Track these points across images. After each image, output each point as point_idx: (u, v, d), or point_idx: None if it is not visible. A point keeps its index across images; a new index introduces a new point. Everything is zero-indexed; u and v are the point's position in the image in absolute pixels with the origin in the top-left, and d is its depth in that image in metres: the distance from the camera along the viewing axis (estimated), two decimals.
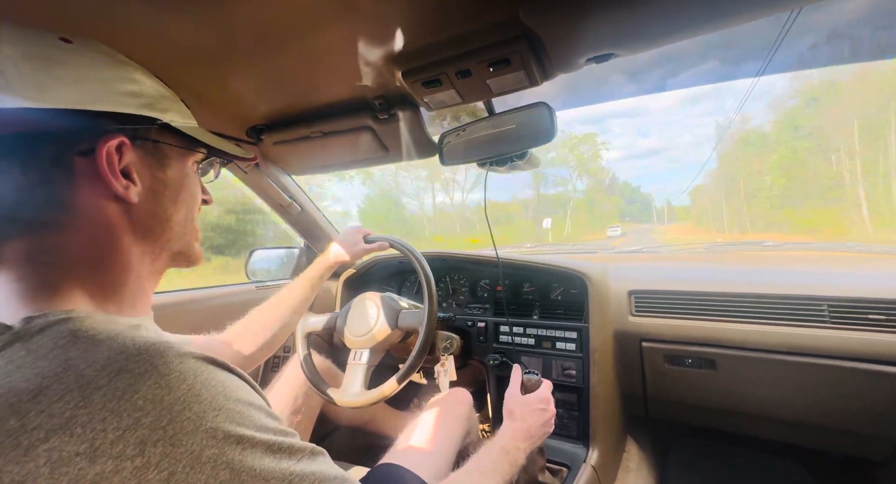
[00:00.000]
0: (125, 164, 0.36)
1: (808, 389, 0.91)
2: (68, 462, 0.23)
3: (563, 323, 1.09)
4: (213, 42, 0.58)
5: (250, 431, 0.28)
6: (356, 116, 0.85)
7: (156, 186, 0.40)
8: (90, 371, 0.26)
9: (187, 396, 0.27)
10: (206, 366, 0.30)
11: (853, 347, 0.83)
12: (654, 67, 0.80)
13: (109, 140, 0.35)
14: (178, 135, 0.41)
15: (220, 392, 0.29)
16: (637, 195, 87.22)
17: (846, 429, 0.91)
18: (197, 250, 0.46)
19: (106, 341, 0.28)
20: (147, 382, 0.26)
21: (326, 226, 1.45)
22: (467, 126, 0.85)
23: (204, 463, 0.26)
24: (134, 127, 0.37)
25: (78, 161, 0.34)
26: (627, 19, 0.50)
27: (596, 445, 1.00)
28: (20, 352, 0.27)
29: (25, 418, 0.24)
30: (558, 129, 0.75)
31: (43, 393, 0.25)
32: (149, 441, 0.25)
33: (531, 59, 0.60)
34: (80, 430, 0.24)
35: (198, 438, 0.26)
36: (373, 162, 1.07)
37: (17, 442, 0.23)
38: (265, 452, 0.29)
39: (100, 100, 0.34)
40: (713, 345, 0.97)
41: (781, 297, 0.93)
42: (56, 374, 0.26)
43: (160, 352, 0.28)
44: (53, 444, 0.23)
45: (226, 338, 0.76)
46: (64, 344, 0.28)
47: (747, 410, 1.00)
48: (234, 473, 0.26)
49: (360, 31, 0.57)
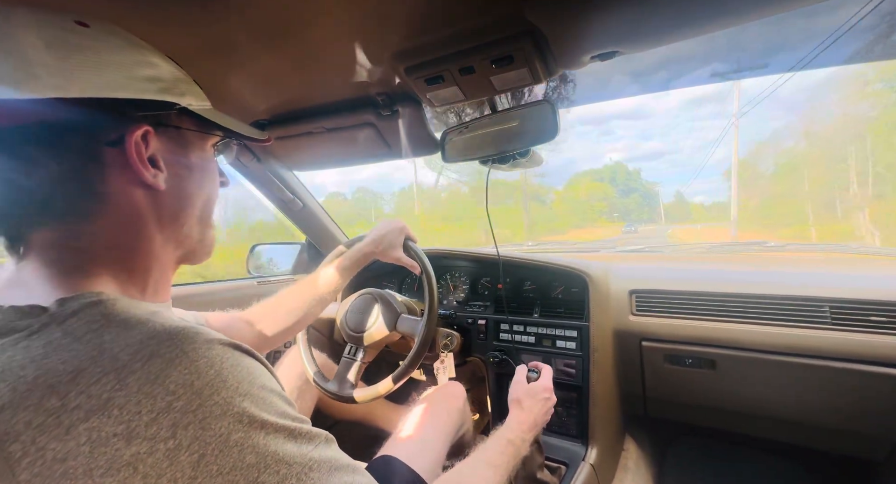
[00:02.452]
0: (151, 152, 0.36)
1: (807, 390, 0.90)
2: (106, 442, 0.24)
3: (564, 322, 1.09)
4: (216, 36, 0.57)
5: (273, 417, 0.29)
6: (359, 113, 0.85)
7: (181, 171, 0.40)
8: (124, 355, 0.27)
9: (215, 382, 0.28)
10: (233, 352, 0.31)
11: (854, 348, 0.83)
12: (659, 65, 0.80)
13: (136, 130, 0.35)
14: (195, 118, 0.41)
15: (246, 378, 0.30)
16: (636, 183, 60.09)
17: (845, 429, 0.91)
18: (209, 239, 0.46)
19: (137, 325, 0.29)
20: (178, 367, 0.27)
21: (328, 222, 1.45)
22: (470, 123, 0.85)
23: (231, 446, 0.27)
24: (156, 113, 0.37)
25: (108, 151, 0.34)
26: (633, 16, 0.50)
27: (595, 444, 1.00)
28: (56, 333, 0.28)
29: (66, 398, 0.25)
30: (561, 127, 0.75)
31: (81, 375, 0.26)
32: (180, 424, 0.26)
33: (535, 57, 0.60)
34: (118, 411, 0.25)
35: (225, 422, 0.27)
36: (375, 158, 1.07)
37: (59, 421, 0.24)
38: (287, 437, 0.29)
39: (122, 87, 0.34)
40: (713, 345, 0.97)
41: (783, 297, 0.92)
42: (92, 357, 0.27)
43: (189, 337, 0.29)
44: (93, 424, 0.24)
45: (249, 316, 0.76)
46: (98, 328, 0.29)
47: (746, 410, 1.00)
48: (260, 456, 0.27)
49: (364, 26, 0.57)
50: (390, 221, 0.92)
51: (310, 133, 0.93)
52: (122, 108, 0.34)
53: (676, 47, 0.61)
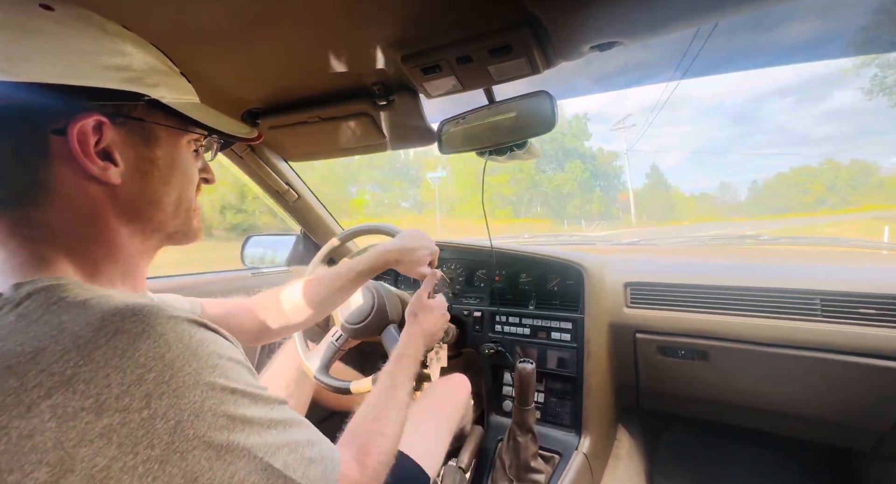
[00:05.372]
0: (106, 144, 0.35)
1: (798, 382, 0.92)
2: (74, 416, 0.25)
3: (559, 313, 1.09)
4: (208, 21, 0.56)
5: (240, 385, 0.32)
6: (354, 102, 0.84)
7: (143, 166, 0.38)
8: (86, 332, 0.27)
9: (185, 354, 0.29)
10: (198, 328, 0.32)
11: (844, 340, 0.84)
12: (657, 57, 0.79)
13: (82, 119, 0.33)
14: (168, 112, 0.38)
15: (214, 351, 0.31)
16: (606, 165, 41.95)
17: (834, 420, 0.93)
18: (194, 228, 0.45)
19: (97, 305, 0.29)
20: (146, 341, 0.28)
21: (324, 214, 1.44)
22: (467, 114, 0.84)
23: (206, 412, 0.28)
24: (116, 103, 0.35)
25: (53, 140, 0.33)
26: (634, 6, 0.49)
27: (588, 434, 1.01)
28: (9, 317, 0.28)
29: (25, 378, 0.25)
30: (559, 118, 0.75)
31: (41, 354, 0.26)
32: (154, 394, 0.27)
33: (533, 46, 0.59)
34: (84, 386, 0.25)
35: (199, 391, 0.28)
36: (371, 149, 1.05)
37: (19, 399, 0.24)
38: (251, 401, 0.32)
39: (78, 74, 0.32)
40: (706, 337, 0.98)
41: (774, 290, 0.93)
42: (52, 336, 0.27)
43: (154, 313, 0.29)
44: (56, 400, 0.25)
45: (252, 306, 0.73)
46: (55, 309, 0.28)
47: (738, 401, 1.02)
48: (230, 419, 0.29)
49: (361, 12, 0.55)
50: (423, 236, 0.84)
51: (304, 123, 0.92)
52: (69, 96, 0.32)
53: (674, 37, 0.60)
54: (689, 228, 17.72)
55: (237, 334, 0.69)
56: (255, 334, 0.73)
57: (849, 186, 44.55)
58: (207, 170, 0.47)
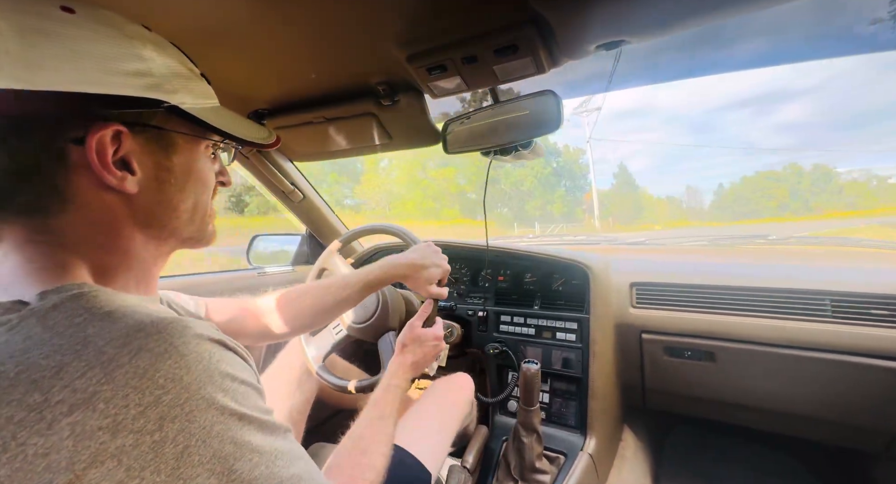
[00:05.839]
0: (124, 153, 0.34)
1: (807, 383, 0.91)
2: (91, 436, 0.24)
3: (564, 314, 1.09)
4: (214, 22, 0.56)
5: (249, 410, 0.31)
6: (360, 102, 0.84)
7: (160, 174, 0.37)
8: (110, 348, 0.27)
9: (202, 377, 0.29)
10: (219, 349, 0.32)
11: (855, 342, 0.83)
12: (665, 55, 0.78)
13: (101, 129, 0.32)
14: (187, 118, 0.38)
15: (229, 373, 0.31)
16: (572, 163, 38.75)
17: (844, 422, 0.92)
18: (209, 233, 0.45)
19: (122, 317, 0.29)
20: (167, 362, 0.27)
21: (329, 214, 1.44)
22: (472, 114, 0.84)
23: (213, 437, 0.27)
24: (135, 111, 0.34)
25: (71, 149, 0.32)
26: (641, 4, 0.49)
27: (593, 434, 1.01)
28: (36, 328, 0.28)
29: (49, 393, 0.25)
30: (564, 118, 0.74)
31: (64, 369, 0.25)
32: (167, 417, 0.26)
33: (539, 46, 0.59)
34: (104, 405, 0.25)
35: (210, 415, 0.28)
36: (376, 149, 1.06)
37: (42, 416, 0.24)
38: (258, 428, 0.31)
39: (96, 81, 0.31)
40: (713, 338, 0.97)
41: (784, 291, 0.92)
42: (76, 350, 0.26)
43: (178, 331, 0.29)
44: (77, 417, 0.24)
45: (257, 308, 0.73)
46: (80, 321, 0.28)
47: (745, 402, 1.01)
48: (237, 446, 0.29)
49: (366, 12, 0.55)
50: (436, 252, 0.82)
51: (310, 123, 0.92)
52: (89, 105, 0.32)
53: (682, 35, 0.60)
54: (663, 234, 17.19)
55: (240, 336, 0.69)
56: (258, 337, 0.73)
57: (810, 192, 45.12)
58: (224, 172, 0.47)
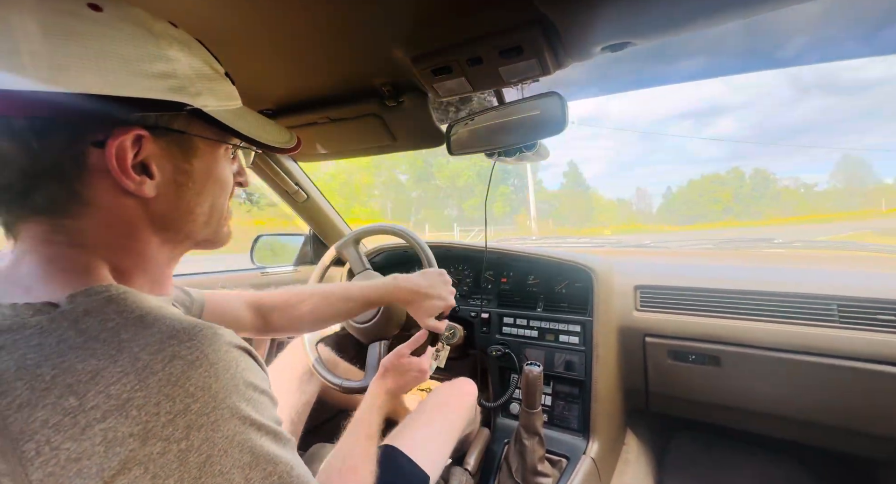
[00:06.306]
0: (144, 157, 0.34)
1: (813, 388, 0.90)
2: (122, 442, 0.24)
3: (567, 316, 1.08)
4: (219, 24, 0.56)
5: (266, 421, 0.31)
6: (364, 103, 0.84)
7: (179, 178, 0.37)
8: (144, 354, 0.27)
9: (229, 386, 0.29)
10: (246, 357, 0.32)
11: (862, 347, 0.82)
12: (674, 57, 0.78)
13: (122, 134, 0.32)
14: (209, 122, 0.37)
15: (251, 382, 0.31)
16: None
17: (851, 428, 0.91)
18: (224, 235, 0.44)
19: (154, 323, 0.29)
20: (198, 370, 0.28)
21: (332, 214, 1.45)
22: (476, 115, 0.84)
23: (234, 447, 0.28)
24: (157, 114, 0.34)
25: (91, 151, 0.31)
26: (648, 6, 0.48)
27: (596, 438, 1.00)
28: (69, 331, 0.28)
29: (84, 398, 0.25)
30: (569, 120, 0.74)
31: (100, 374, 0.26)
32: (194, 426, 0.26)
33: (544, 47, 0.59)
34: (136, 412, 0.25)
35: (232, 424, 0.28)
36: (379, 150, 1.06)
37: (76, 420, 0.24)
38: (273, 439, 0.31)
39: (121, 83, 0.30)
40: (718, 342, 0.96)
41: (790, 295, 0.91)
42: (111, 356, 0.27)
43: (209, 339, 0.30)
44: (109, 424, 0.24)
45: (259, 302, 0.73)
46: (113, 325, 0.28)
47: (750, 407, 1.00)
48: (254, 456, 0.29)
49: (372, 13, 0.55)
50: (444, 284, 0.80)
51: (314, 123, 0.92)
52: (111, 108, 0.31)
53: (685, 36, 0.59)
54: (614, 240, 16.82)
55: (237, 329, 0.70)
56: (253, 332, 0.73)
57: (751, 196, 46.83)
58: (242, 173, 0.46)
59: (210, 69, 0.38)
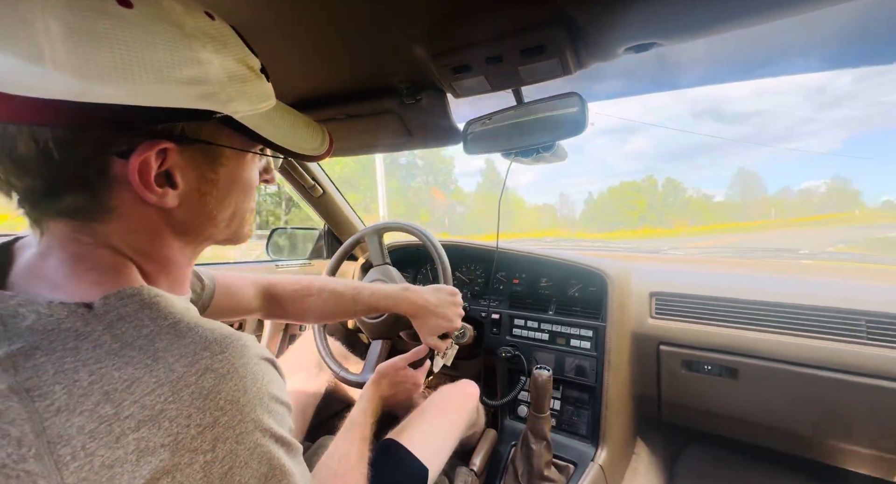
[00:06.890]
0: (168, 167, 0.33)
1: (838, 407, 0.86)
2: (153, 452, 0.25)
3: (580, 321, 1.07)
4: (238, 19, 0.57)
5: (284, 432, 0.32)
6: (382, 100, 0.84)
7: (202, 187, 0.36)
8: (179, 366, 0.28)
9: (255, 399, 0.30)
10: (271, 369, 0.33)
11: (891, 365, 0.79)
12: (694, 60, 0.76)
13: (146, 150, 0.30)
14: (237, 128, 0.35)
15: (275, 395, 0.32)
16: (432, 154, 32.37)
17: (875, 450, 0.87)
18: (245, 233, 0.44)
19: (187, 332, 0.30)
20: (229, 383, 0.29)
21: (348, 211, 1.46)
22: (494, 114, 0.83)
23: (254, 458, 0.29)
24: (185, 123, 0.32)
25: (115, 161, 0.30)
26: (677, 5, 0.47)
27: (605, 445, 0.99)
28: (105, 336, 0.28)
29: (119, 407, 0.25)
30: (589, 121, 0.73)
31: (136, 384, 0.26)
32: (220, 439, 0.27)
33: (566, 47, 0.58)
34: (168, 423, 0.26)
35: (255, 437, 0.29)
36: (395, 147, 1.06)
37: (111, 428, 0.25)
38: (287, 450, 0.32)
39: (149, 93, 0.28)
40: (737, 353, 0.93)
41: (816, 308, 0.88)
42: (146, 365, 0.27)
43: (239, 352, 0.30)
44: (143, 434, 0.25)
45: (270, 288, 0.74)
46: (147, 332, 0.29)
47: (768, 422, 0.96)
48: (272, 467, 0.30)
49: (392, 10, 0.55)
50: (453, 305, 0.80)
51: (332, 119, 0.93)
52: (137, 116, 0.28)
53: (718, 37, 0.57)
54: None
55: (244, 311, 0.71)
56: (261, 314, 0.75)
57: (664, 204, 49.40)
58: (269, 170, 0.45)
59: (245, 67, 0.35)
